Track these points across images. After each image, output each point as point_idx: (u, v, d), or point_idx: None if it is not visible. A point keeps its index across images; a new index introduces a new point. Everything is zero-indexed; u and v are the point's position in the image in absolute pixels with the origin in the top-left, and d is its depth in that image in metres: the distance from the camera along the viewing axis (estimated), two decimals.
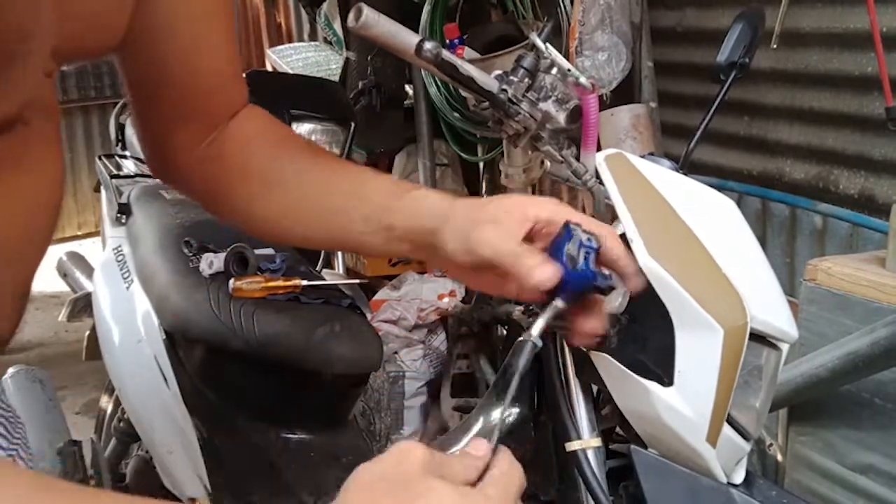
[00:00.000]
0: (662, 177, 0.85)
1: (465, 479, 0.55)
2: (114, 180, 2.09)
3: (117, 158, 2.37)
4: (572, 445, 0.87)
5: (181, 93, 0.76)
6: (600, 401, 0.94)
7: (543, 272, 0.66)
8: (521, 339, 0.68)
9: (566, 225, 0.69)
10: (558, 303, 0.68)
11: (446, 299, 2.61)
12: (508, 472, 0.57)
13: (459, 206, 0.73)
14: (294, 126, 2.57)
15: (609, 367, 0.83)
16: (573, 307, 0.71)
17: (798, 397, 1.48)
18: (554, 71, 0.91)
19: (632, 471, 0.86)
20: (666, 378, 0.80)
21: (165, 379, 1.56)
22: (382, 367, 2.62)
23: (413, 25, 2.57)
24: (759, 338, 0.83)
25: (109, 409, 1.98)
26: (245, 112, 0.82)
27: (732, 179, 2.18)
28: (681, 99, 2.34)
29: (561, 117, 0.91)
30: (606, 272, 0.70)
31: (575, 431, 0.88)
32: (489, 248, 0.68)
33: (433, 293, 2.64)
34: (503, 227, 0.69)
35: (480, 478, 0.56)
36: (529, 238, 0.71)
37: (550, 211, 0.71)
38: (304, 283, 1.57)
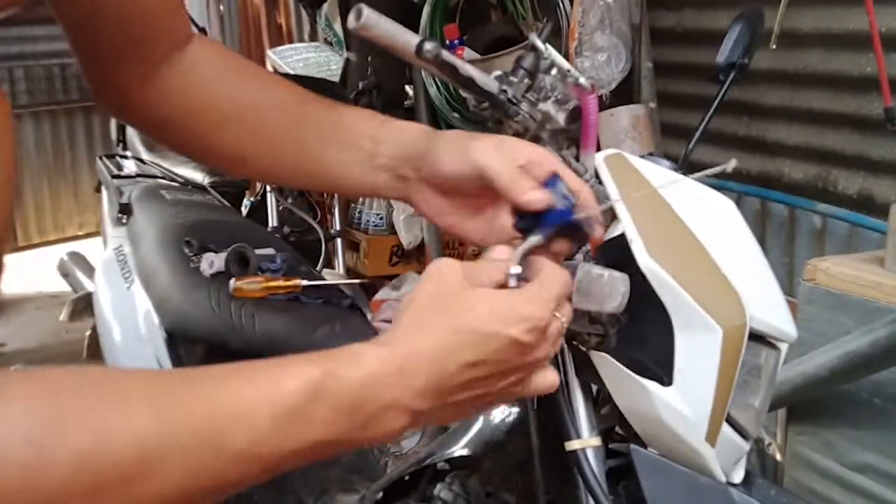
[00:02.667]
0: (662, 177, 0.86)
1: (498, 281, 0.63)
2: (115, 180, 2.09)
3: (118, 158, 2.38)
4: (572, 445, 0.87)
5: (116, 22, 0.73)
6: (600, 400, 0.94)
7: (535, 193, 0.69)
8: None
9: (553, 174, 0.73)
10: (535, 236, 0.70)
11: None
12: (549, 273, 0.64)
13: (451, 131, 0.76)
14: None
15: (608, 367, 0.84)
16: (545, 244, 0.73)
17: (797, 397, 1.48)
18: (554, 71, 0.92)
19: (631, 470, 0.86)
20: (665, 378, 0.80)
21: None
22: None
23: (413, 26, 2.57)
24: (758, 337, 0.83)
25: None
26: (198, 42, 0.79)
27: (732, 180, 2.18)
28: (680, 99, 2.35)
29: (561, 118, 0.91)
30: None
31: (574, 431, 0.88)
32: (490, 161, 0.71)
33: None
34: (503, 150, 0.72)
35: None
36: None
37: (541, 155, 0.74)
38: (305, 282, 1.58)
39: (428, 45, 0.78)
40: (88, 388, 0.47)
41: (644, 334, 0.82)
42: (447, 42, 2.72)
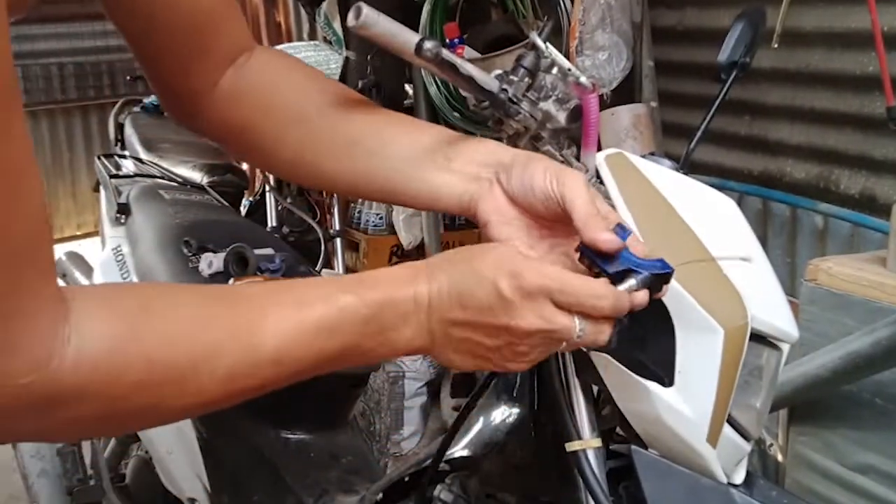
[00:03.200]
0: (663, 176, 0.85)
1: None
2: (113, 180, 2.09)
3: (116, 158, 2.37)
4: (572, 446, 0.87)
5: (173, 31, 0.75)
6: (600, 401, 0.93)
7: (608, 236, 0.68)
8: None
9: (620, 225, 0.71)
10: (630, 280, 0.68)
11: None
12: (592, 281, 0.66)
13: (539, 154, 0.78)
14: None
15: (609, 367, 0.83)
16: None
17: (799, 397, 1.48)
18: (554, 70, 0.91)
19: (632, 471, 0.86)
20: (666, 378, 0.80)
21: None
22: (382, 367, 2.62)
23: (413, 25, 2.57)
24: (759, 338, 0.83)
25: None
26: (261, 50, 0.82)
27: (733, 179, 2.18)
28: (681, 98, 2.34)
29: (561, 117, 0.91)
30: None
31: (575, 432, 0.88)
32: (577, 194, 0.70)
33: None
34: (589, 189, 0.72)
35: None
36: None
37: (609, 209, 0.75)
38: None
39: (428, 44, 0.77)
40: (150, 307, 0.57)
41: (645, 335, 0.81)
42: (447, 41, 2.72)
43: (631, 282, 0.67)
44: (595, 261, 0.68)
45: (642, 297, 0.68)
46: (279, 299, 0.62)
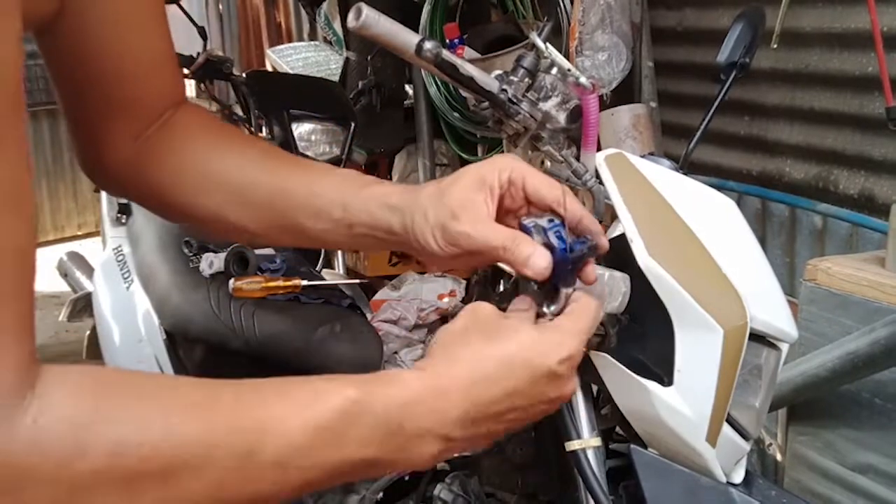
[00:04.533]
0: (662, 177, 0.85)
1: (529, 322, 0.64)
2: None
3: None
4: (572, 445, 0.87)
5: (110, 78, 0.71)
6: (600, 401, 0.94)
7: (539, 262, 0.65)
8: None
9: (521, 225, 0.68)
10: (567, 290, 0.66)
11: (446, 299, 2.61)
12: (579, 308, 0.64)
13: (423, 197, 0.70)
14: (294, 126, 2.57)
15: (609, 367, 0.83)
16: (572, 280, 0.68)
17: (798, 397, 1.48)
18: (554, 71, 0.91)
19: (632, 470, 0.86)
20: (666, 378, 0.80)
21: None
22: (382, 367, 2.62)
23: (413, 25, 2.57)
24: (758, 337, 0.83)
25: None
26: (184, 109, 0.78)
27: (732, 179, 2.18)
28: (681, 99, 2.34)
29: (561, 117, 0.91)
30: (581, 238, 0.68)
31: (575, 431, 0.88)
32: (475, 242, 0.67)
33: (433, 293, 2.64)
34: (478, 214, 0.67)
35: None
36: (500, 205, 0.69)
37: (508, 170, 0.69)
38: (304, 283, 1.58)
39: (428, 45, 0.77)
40: (135, 388, 0.49)
41: (644, 334, 0.81)
42: (447, 41, 2.72)
43: (564, 292, 0.66)
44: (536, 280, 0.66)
45: (588, 275, 0.68)
46: (286, 396, 0.53)
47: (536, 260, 0.64)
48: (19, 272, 0.44)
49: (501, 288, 0.98)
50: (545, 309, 0.66)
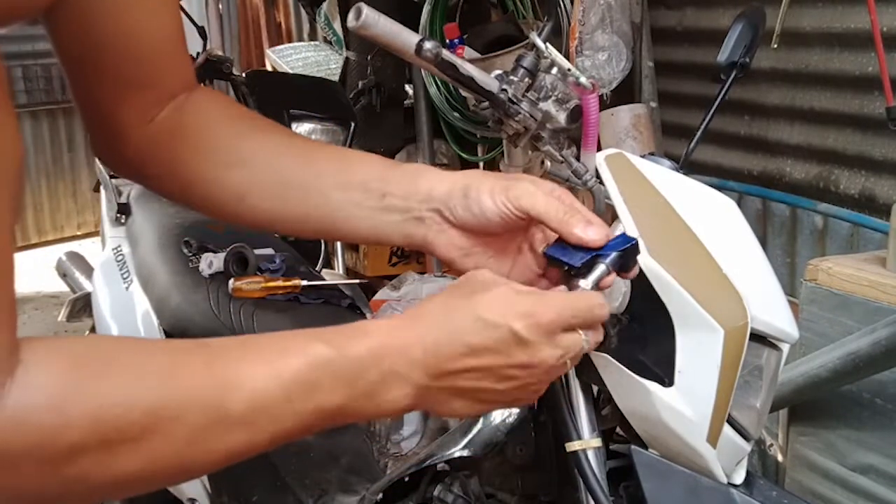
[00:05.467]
0: (663, 177, 0.85)
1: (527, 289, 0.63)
2: (113, 180, 2.09)
3: None
4: (572, 446, 0.87)
5: (122, 58, 0.70)
6: (600, 401, 0.93)
7: (594, 229, 0.67)
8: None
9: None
10: (601, 266, 0.67)
11: None
12: (580, 294, 0.65)
13: (477, 172, 0.73)
14: (294, 126, 2.56)
15: (609, 367, 0.83)
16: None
17: (799, 397, 1.48)
18: (554, 71, 0.91)
19: (632, 471, 0.86)
20: (666, 378, 0.80)
21: None
22: None
23: (413, 25, 2.57)
24: (759, 338, 0.83)
25: None
26: (201, 91, 0.78)
27: (733, 179, 2.18)
28: (681, 99, 2.34)
29: (561, 117, 0.91)
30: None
31: (575, 432, 0.88)
32: (537, 200, 0.68)
33: (433, 293, 2.64)
34: (545, 188, 0.70)
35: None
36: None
37: (569, 196, 0.71)
38: (304, 283, 1.57)
39: (428, 45, 0.77)
40: (105, 357, 0.51)
41: (645, 335, 0.81)
42: (447, 41, 2.72)
43: (601, 268, 0.67)
44: (562, 259, 0.68)
45: (610, 280, 0.68)
46: (254, 352, 0.56)
47: (593, 228, 0.67)
48: None
49: None
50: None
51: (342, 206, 0.74)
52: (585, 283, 0.67)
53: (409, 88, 3.19)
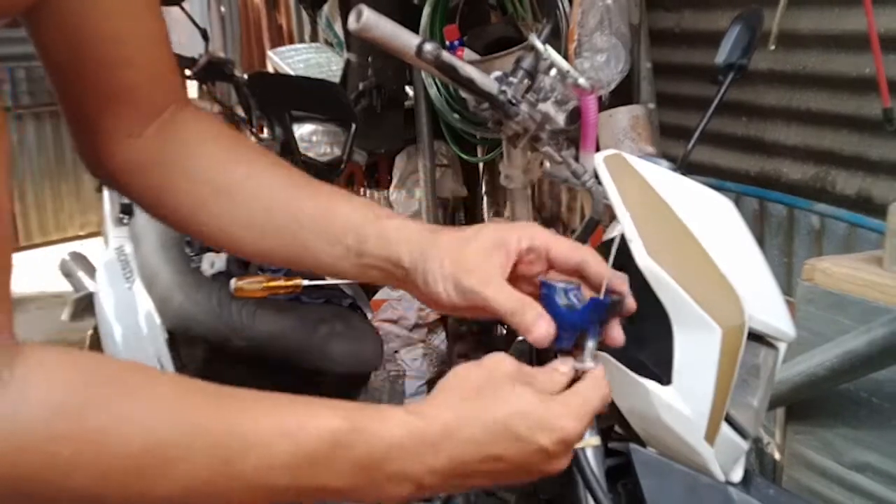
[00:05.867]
0: (661, 177, 0.86)
1: (549, 389, 0.61)
2: None
3: None
4: None
5: (102, 65, 0.67)
6: None
7: (539, 330, 0.64)
8: (520, 339, 0.67)
9: (542, 283, 0.68)
10: (590, 341, 0.66)
11: None
12: (592, 387, 0.62)
13: (442, 243, 0.69)
14: (295, 127, 2.57)
15: (608, 366, 0.83)
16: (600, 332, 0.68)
17: (796, 396, 1.49)
18: (553, 72, 0.92)
19: (630, 469, 0.86)
20: (664, 377, 0.81)
21: None
22: (383, 366, 2.62)
23: (413, 27, 2.57)
24: (757, 337, 0.84)
25: None
26: (190, 111, 0.75)
27: (730, 180, 2.18)
28: (679, 100, 2.35)
29: (560, 118, 0.91)
30: (608, 296, 0.68)
31: None
32: (485, 301, 0.66)
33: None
34: (492, 275, 0.67)
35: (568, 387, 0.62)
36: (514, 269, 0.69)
37: (529, 238, 0.68)
38: (306, 282, 1.58)
39: (428, 46, 0.78)
40: (117, 380, 0.49)
41: (643, 334, 0.82)
42: (447, 43, 2.72)
43: (590, 344, 0.66)
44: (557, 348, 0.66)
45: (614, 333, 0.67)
46: (269, 410, 0.54)
47: (539, 328, 0.64)
48: None
49: None
50: (576, 363, 0.65)
51: (323, 255, 0.73)
52: (585, 363, 0.65)
53: (409, 90, 3.19)
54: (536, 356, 0.97)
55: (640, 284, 0.79)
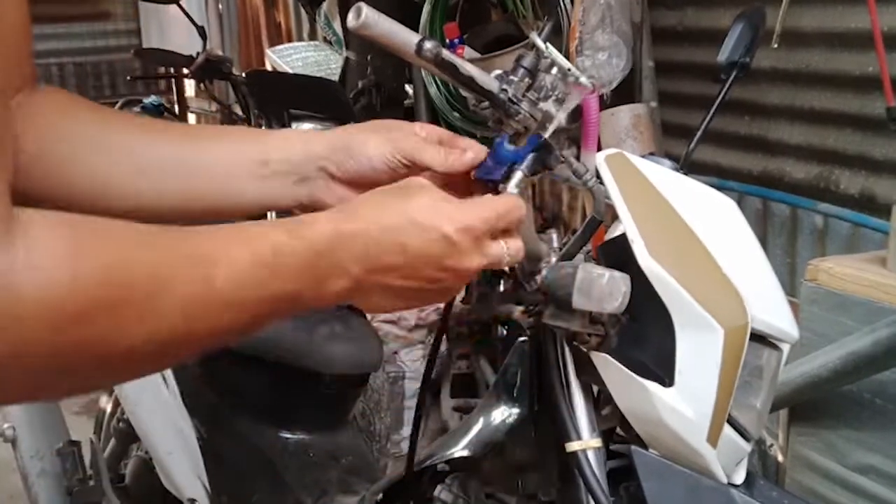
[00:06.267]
0: (663, 177, 0.85)
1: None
2: None
3: None
4: (572, 446, 0.87)
5: None
6: (600, 401, 0.93)
7: (474, 146, 0.76)
8: (520, 339, 0.68)
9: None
10: (518, 174, 0.76)
11: None
12: (503, 198, 0.70)
13: (359, 128, 0.79)
14: (294, 125, 2.56)
15: (609, 368, 0.83)
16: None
17: (799, 397, 1.48)
18: (554, 70, 0.91)
19: (632, 471, 0.86)
20: (666, 378, 0.80)
21: (165, 379, 1.56)
22: (382, 367, 2.62)
23: (413, 25, 2.57)
24: (759, 338, 0.83)
25: (109, 409, 1.98)
26: (47, 90, 0.73)
27: (733, 179, 2.18)
28: (681, 99, 2.34)
29: (561, 117, 0.90)
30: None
31: (575, 432, 0.88)
32: (423, 153, 0.75)
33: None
34: (419, 132, 0.78)
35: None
36: None
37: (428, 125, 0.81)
38: None
39: (428, 44, 0.77)
40: (101, 224, 0.52)
41: (645, 335, 0.81)
42: (447, 41, 2.72)
43: (518, 174, 0.75)
44: (487, 178, 0.76)
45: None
46: (224, 234, 0.58)
47: (473, 146, 0.75)
48: None
49: (502, 288, 0.98)
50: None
51: (225, 180, 0.75)
52: (507, 188, 0.74)
53: (409, 88, 3.19)
54: (536, 356, 0.96)
55: (642, 285, 0.78)
